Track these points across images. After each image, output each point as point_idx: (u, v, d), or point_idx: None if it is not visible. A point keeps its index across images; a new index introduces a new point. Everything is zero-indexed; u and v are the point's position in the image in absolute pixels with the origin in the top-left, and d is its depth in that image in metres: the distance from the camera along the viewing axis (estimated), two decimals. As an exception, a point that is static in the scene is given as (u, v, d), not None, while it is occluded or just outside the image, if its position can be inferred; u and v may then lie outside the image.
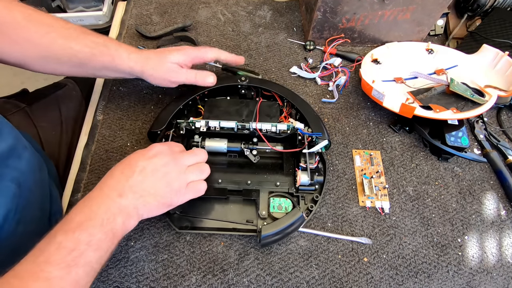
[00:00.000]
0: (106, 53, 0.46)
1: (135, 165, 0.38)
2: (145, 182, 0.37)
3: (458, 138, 0.53)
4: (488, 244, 0.48)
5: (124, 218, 0.36)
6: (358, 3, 0.59)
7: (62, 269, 0.30)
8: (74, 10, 0.92)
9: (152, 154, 0.39)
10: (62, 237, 0.32)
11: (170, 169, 0.39)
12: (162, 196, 0.38)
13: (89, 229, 0.33)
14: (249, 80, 0.55)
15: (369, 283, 0.44)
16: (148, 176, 0.38)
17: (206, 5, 0.73)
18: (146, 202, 0.37)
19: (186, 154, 0.42)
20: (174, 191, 0.39)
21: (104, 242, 0.34)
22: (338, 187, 0.51)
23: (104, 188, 0.36)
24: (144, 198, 0.37)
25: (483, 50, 0.59)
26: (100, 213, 0.34)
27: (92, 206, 0.34)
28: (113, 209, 0.35)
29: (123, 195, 0.36)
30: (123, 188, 0.36)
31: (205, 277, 0.43)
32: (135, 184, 0.37)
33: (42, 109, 0.60)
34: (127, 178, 0.37)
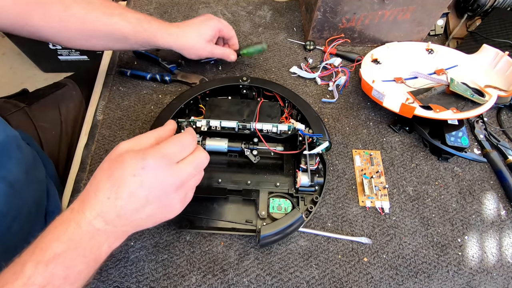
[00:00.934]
0: (149, 30, 0.49)
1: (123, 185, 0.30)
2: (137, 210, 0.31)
3: (458, 138, 0.53)
4: (488, 244, 0.48)
5: (111, 243, 0.31)
6: (358, 3, 0.59)
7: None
8: (74, 10, 0.92)
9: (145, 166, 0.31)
10: (31, 270, 0.26)
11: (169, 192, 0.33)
12: (159, 217, 0.34)
13: (67, 262, 0.28)
14: (251, 80, 0.55)
15: (369, 283, 0.44)
16: (141, 203, 0.31)
17: (206, 5, 0.73)
18: (139, 226, 0.33)
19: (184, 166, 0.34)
20: (175, 211, 0.35)
21: (84, 273, 0.29)
22: (338, 187, 0.51)
23: (87, 212, 0.30)
24: (137, 222, 0.32)
25: (483, 50, 0.59)
26: (83, 242, 0.29)
27: (74, 234, 0.29)
28: (98, 238, 0.30)
29: (110, 223, 0.30)
30: (110, 216, 0.30)
31: (205, 277, 0.43)
32: (125, 213, 0.31)
33: (42, 109, 0.60)
34: (115, 206, 0.30)
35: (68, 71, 1.43)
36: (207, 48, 0.54)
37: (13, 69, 1.54)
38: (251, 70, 0.64)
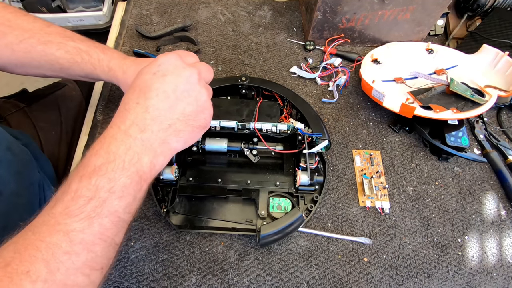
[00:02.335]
0: (88, 61, 0.44)
1: (150, 89, 0.31)
2: (170, 108, 0.31)
3: (458, 138, 0.53)
4: (488, 244, 0.48)
5: (152, 157, 0.30)
6: (358, 3, 0.59)
7: (82, 221, 0.26)
8: (74, 10, 0.91)
9: (165, 70, 0.32)
10: (77, 184, 0.27)
11: (194, 84, 0.32)
12: (194, 119, 0.32)
13: (108, 174, 0.28)
14: (250, 80, 0.55)
15: (369, 283, 0.44)
16: (171, 100, 0.31)
17: (206, 5, 0.73)
18: (178, 131, 0.31)
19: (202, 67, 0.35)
20: (203, 108, 0.33)
21: (130, 188, 0.28)
22: (338, 187, 0.51)
23: (121, 125, 0.30)
24: (174, 127, 0.31)
25: (483, 50, 0.59)
26: (120, 153, 0.28)
27: (109, 146, 0.29)
28: (136, 148, 0.29)
29: (145, 129, 0.30)
30: (144, 121, 0.30)
31: (205, 277, 0.43)
32: (159, 114, 0.30)
33: (41, 109, 0.60)
34: (146, 109, 0.30)
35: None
36: None
37: (13, 69, 1.53)
38: (251, 70, 0.64)
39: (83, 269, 0.26)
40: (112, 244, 0.28)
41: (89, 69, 0.44)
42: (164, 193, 0.47)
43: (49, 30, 0.43)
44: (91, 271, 0.27)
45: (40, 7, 0.87)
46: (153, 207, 0.48)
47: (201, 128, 0.34)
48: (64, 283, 0.25)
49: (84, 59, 0.43)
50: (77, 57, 0.43)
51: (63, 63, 0.43)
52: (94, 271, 0.27)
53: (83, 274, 0.26)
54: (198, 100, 0.32)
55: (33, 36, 0.42)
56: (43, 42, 0.42)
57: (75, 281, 0.26)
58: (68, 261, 0.25)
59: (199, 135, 0.34)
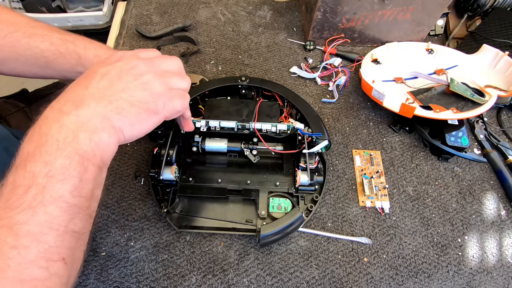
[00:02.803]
0: (73, 51, 0.42)
1: (94, 72, 0.30)
2: (112, 86, 0.29)
3: (458, 138, 0.53)
4: (488, 244, 0.48)
5: (90, 133, 0.27)
6: (358, 3, 0.59)
7: (24, 212, 0.24)
8: (74, 10, 0.91)
9: (115, 59, 0.32)
10: (13, 175, 0.25)
11: (142, 70, 0.31)
12: (140, 101, 0.30)
13: (43, 157, 0.25)
14: (250, 80, 0.55)
15: (369, 283, 0.44)
16: (114, 80, 0.30)
17: (206, 5, 0.73)
18: (120, 109, 0.29)
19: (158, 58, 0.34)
20: (156, 94, 0.31)
21: (71, 169, 0.26)
22: (338, 187, 0.51)
23: (55, 104, 0.28)
24: (116, 104, 0.29)
25: (483, 50, 0.59)
26: (53, 133, 0.26)
27: (41, 128, 0.27)
28: (70, 125, 0.27)
29: (81, 104, 0.28)
30: (82, 96, 0.28)
31: (205, 277, 0.43)
32: (98, 90, 0.29)
33: (41, 109, 0.60)
34: (85, 86, 0.29)
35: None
36: None
37: (13, 69, 1.53)
38: (251, 70, 0.64)
39: (37, 261, 0.24)
40: (67, 232, 0.26)
41: (74, 59, 0.42)
42: (164, 193, 0.47)
43: (35, 24, 0.42)
44: (48, 262, 0.25)
45: (40, 7, 0.87)
46: (153, 207, 0.48)
47: (150, 112, 0.31)
48: (19, 279, 0.23)
49: (69, 49, 0.41)
50: (61, 48, 0.41)
51: (48, 55, 0.41)
52: (52, 262, 0.25)
53: (39, 267, 0.24)
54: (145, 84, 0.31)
55: (18, 29, 0.40)
56: (28, 35, 0.40)
57: (31, 275, 0.24)
58: (17, 256, 0.24)
59: (149, 121, 0.31)
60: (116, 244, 0.45)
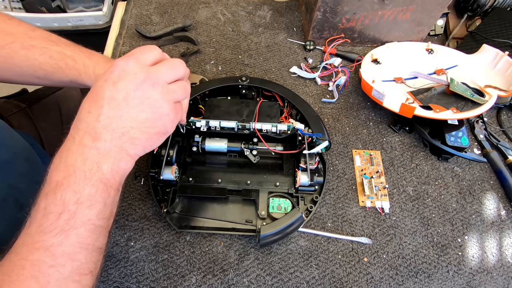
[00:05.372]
0: (73, 67, 0.41)
1: (101, 97, 0.30)
2: (122, 116, 0.30)
3: (458, 138, 0.53)
4: (488, 244, 0.48)
5: (111, 164, 0.30)
6: (358, 3, 0.59)
7: (58, 235, 0.27)
8: (74, 10, 0.91)
9: (117, 77, 0.31)
10: (44, 202, 0.28)
11: (147, 90, 0.31)
12: (150, 126, 0.32)
13: (72, 186, 0.28)
14: (250, 80, 0.55)
15: (369, 283, 0.44)
16: (122, 107, 0.30)
17: (206, 5, 0.73)
18: (133, 139, 0.31)
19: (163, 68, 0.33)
20: (165, 115, 0.32)
21: (97, 195, 0.29)
22: (338, 187, 0.51)
23: (76, 136, 0.30)
24: (127, 135, 0.31)
25: (483, 50, 0.59)
26: (79, 165, 0.29)
27: (67, 159, 0.29)
28: (92, 157, 0.29)
29: (98, 138, 0.30)
30: (96, 130, 0.30)
31: (205, 277, 0.43)
32: (110, 122, 0.30)
33: (42, 109, 0.60)
34: (97, 118, 0.30)
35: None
36: None
37: (14, 69, 1.53)
38: (251, 70, 0.64)
39: (72, 277, 0.28)
40: (95, 250, 0.29)
41: (73, 75, 0.42)
42: (164, 193, 0.47)
43: (33, 35, 0.41)
44: (81, 276, 0.28)
45: (40, 7, 0.87)
46: (153, 207, 0.48)
47: (160, 135, 0.33)
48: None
49: (69, 65, 0.41)
50: (61, 63, 0.41)
51: (47, 68, 0.41)
52: (83, 276, 0.29)
53: (74, 281, 0.28)
54: (153, 107, 0.31)
55: (16, 40, 0.40)
56: (26, 47, 0.40)
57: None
58: (55, 273, 0.27)
59: (159, 141, 0.33)
60: (116, 244, 0.45)
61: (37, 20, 0.84)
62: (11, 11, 0.87)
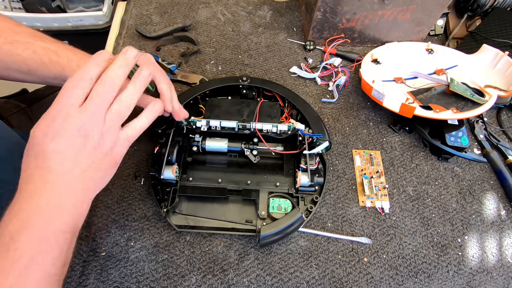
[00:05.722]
0: (56, 62, 0.41)
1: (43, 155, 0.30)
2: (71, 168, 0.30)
3: (458, 138, 0.53)
4: (488, 244, 0.48)
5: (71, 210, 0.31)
6: (358, 3, 0.59)
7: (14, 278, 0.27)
8: (74, 10, 0.91)
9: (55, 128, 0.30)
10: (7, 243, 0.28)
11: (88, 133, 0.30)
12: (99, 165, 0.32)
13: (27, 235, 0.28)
14: (251, 80, 0.55)
15: (369, 283, 0.44)
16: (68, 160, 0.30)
17: (206, 5, 0.73)
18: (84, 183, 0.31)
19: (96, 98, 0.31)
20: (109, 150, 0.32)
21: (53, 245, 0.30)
22: (338, 187, 0.51)
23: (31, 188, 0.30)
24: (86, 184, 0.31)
25: (483, 50, 0.59)
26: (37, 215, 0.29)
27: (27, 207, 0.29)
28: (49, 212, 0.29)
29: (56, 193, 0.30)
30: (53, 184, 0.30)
31: (205, 277, 0.43)
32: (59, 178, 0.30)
33: (42, 109, 0.59)
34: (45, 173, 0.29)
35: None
36: None
37: (13, 69, 1.53)
38: (251, 70, 0.64)
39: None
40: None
41: (57, 70, 0.41)
42: (164, 193, 0.47)
43: (18, 30, 0.41)
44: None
45: (40, 7, 0.87)
46: (153, 207, 0.48)
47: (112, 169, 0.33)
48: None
49: (52, 60, 0.41)
50: (44, 58, 0.40)
51: (30, 64, 0.41)
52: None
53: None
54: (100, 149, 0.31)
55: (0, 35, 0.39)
56: (10, 41, 0.39)
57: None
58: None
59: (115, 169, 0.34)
60: (116, 244, 0.45)
61: (37, 20, 0.84)
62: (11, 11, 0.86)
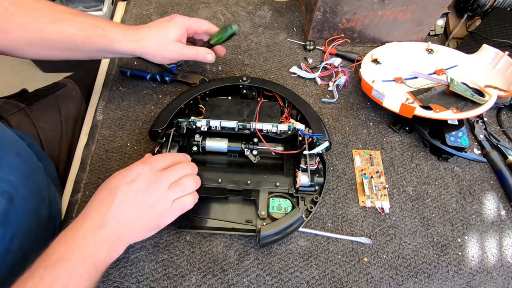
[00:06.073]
0: (103, 36, 0.43)
1: (115, 190, 0.36)
2: (128, 210, 0.36)
3: (458, 138, 0.53)
4: (488, 244, 0.48)
5: (108, 249, 0.35)
6: (358, 3, 0.59)
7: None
8: (74, 10, 0.92)
9: (133, 177, 0.37)
10: (42, 271, 0.31)
11: (152, 192, 0.37)
12: (148, 221, 0.37)
13: (70, 263, 0.32)
14: (251, 80, 0.55)
15: (369, 283, 0.44)
16: (131, 203, 0.36)
17: (206, 5, 0.73)
18: (132, 230, 0.36)
19: (169, 172, 0.39)
20: (160, 213, 0.38)
21: (87, 275, 0.33)
22: (338, 187, 0.51)
23: (86, 219, 0.35)
24: (130, 227, 0.36)
25: (483, 50, 0.59)
26: (82, 246, 0.33)
27: (73, 237, 0.34)
28: (95, 241, 0.34)
29: (105, 225, 0.35)
30: (105, 218, 0.35)
31: (205, 277, 0.43)
32: (118, 213, 0.35)
33: (42, 109, 0.60)
34: (108, 207, 0.35)
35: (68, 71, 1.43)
36: (175, 48, 0.48)
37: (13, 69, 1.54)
38: (251, 70, 0.64)
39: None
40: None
41: (103, 44, 0.44)
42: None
43: (60, 9, 0.43)
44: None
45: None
46: (153, 207, 0.48)
47: (154, 230, 0.39)
48: None
49: (99, 34, 0.43)
50: (91, 33, 0.43)
51: (77, 40, 0.43)
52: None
53: None
54: (155, 206, 0.37)
55: (45, 15, 0.41)
56: (55, 20, 0.42)
57: None
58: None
59: (151, 234, 0.39)
60: (116, 244, 0.45)
61: None
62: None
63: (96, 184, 0.50)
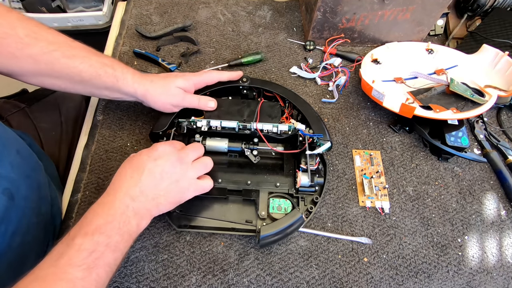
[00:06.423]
0: (111, 74, 0.45)
1: (142, 168, 0.39)
2: (155, 185, 0.39)
3: (458, 138, 0.53)
4: (488, 244, 0.48)
5: (138, 220, 0.38)
6: (358, 3, 0.59)
7: (84, 271, 0.32)
8: (74, 10, 0.91)
9: (157, 155, 0.40)
10: (81, 239, 0.33)
11: (177, 169, 0.41)
12: (172, 196, 0.41)
13: (107, 232, 0.34)
14: (251, 80, 0.55)
15: (369, 283, 0.44)
16: (157, 179, 0.39)
17: (206, 5, 0.73)
18: (158, 204, 0.39)
19: (188, 150, 0.43)
20: (183, 189, 0.41)
21: (121, 244, 0.36)
22: (338, 187, 0.51)
23: (117, 194, 0.38)
24: (156, 200, 0.39)
25: (483, 50, 0.59)
26: (117, 216, 0.36)
27: (109, 210, 0.36)
28: (128, 213, 0.37)
29: (135, 199, 0.38)
30: (135, 192, 0.38)
31: (205, 277, 0.43)
32: (146, 188, 0.39)
33: (42, 109, 0.60)
34: (136, 183, 0.38)
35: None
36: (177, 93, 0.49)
37: (13, 69, 1.53)
38: (251, 71, 0.64)
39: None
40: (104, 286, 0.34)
41: (111, 81, 0.46)
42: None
43: (74, 45, 0.44)
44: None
45: (40, 7, 0.87)
46: (153, 207, 0.48)
47: (177, 203, 0.42)
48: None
49: (108, 72, 0.45)
50: (100, 70, 0.45)
51: (85, 76, 0.44)
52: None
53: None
54: (179, 182, 0.41)
55: (58, 49, 0.43)
56: (68, 55, 0.43)
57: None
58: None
59: (173, 207, 0.42)
60: (116, 244, 0.45)
61: (37, 20, 0.84)
62: (11, 11, 0.86)
63: (96, 184, 0.50)
